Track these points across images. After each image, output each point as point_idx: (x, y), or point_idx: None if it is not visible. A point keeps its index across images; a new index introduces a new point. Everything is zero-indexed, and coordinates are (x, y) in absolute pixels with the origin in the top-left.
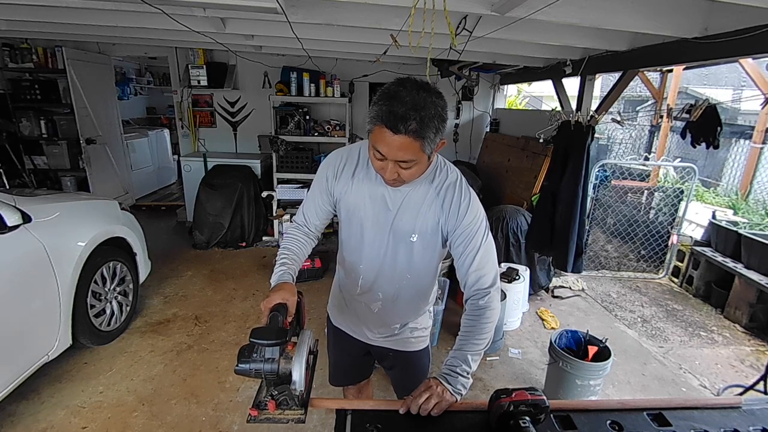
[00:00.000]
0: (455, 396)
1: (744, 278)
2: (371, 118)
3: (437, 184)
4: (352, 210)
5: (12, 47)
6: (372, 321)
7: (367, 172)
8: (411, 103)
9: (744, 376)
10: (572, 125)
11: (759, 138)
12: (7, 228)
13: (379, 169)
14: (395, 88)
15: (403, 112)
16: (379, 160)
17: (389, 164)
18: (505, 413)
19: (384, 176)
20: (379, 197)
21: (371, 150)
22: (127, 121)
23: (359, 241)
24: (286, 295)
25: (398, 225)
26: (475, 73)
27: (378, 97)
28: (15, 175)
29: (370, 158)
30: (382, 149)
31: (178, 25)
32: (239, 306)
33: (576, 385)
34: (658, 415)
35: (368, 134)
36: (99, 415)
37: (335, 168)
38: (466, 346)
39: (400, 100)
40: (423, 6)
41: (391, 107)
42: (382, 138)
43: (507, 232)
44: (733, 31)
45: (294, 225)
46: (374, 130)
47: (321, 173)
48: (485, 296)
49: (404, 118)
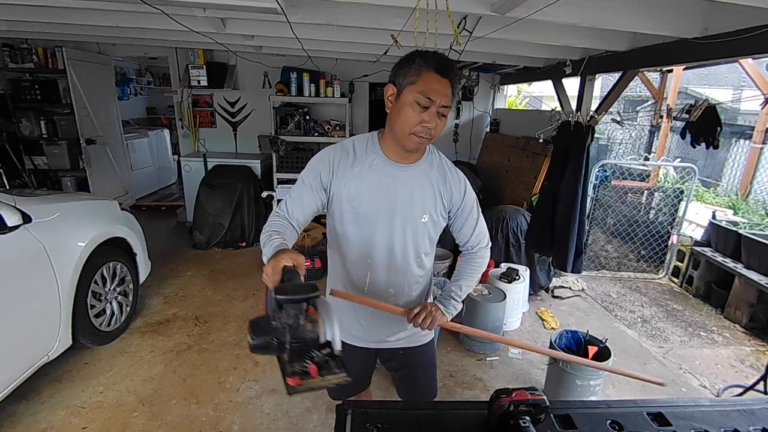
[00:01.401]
0: (446, 316)
1: (744, 278)
2: (413, 71)
3: (432, 161)
4: (357, 202)
5: (12, 47)
6: (384, 322)
7: (368, 165)
8: (452, 62)
9: (744, 376)
10: (572, 125)
11: (759, 138)
12: (7, 228)
13: (419, 123)
14: (420, 52)
15: (450, 63)
16: (421, 112)
17: (433, 112)
18: (505, 413)
19: (426, 125)
20: (386, 186)
21: (410, 105)
22: (127, 122)
23: (370, 233)
24: (294, 255)
25: (409, 209)
26: (475, 73)
27: (410, 57)
28: (15, 175)
29: (401, 115)
30: (431, 94)
31: (178, 25)
32: (239, 306)
33: (576, 385)
34: (658, 415)
35: (403, 89)
36: (99, 416)
37: (330, 164)
38: (461, 279)
39: (437, 53)
40: (426, 6)
41: (436, 57)
42: (432, 83)
43: (507, 232)
44: (733, 31)
45: (277, 214)
46: (420, 80)
47: (312, 169)
48: (481, 250)
49: (451, 65)
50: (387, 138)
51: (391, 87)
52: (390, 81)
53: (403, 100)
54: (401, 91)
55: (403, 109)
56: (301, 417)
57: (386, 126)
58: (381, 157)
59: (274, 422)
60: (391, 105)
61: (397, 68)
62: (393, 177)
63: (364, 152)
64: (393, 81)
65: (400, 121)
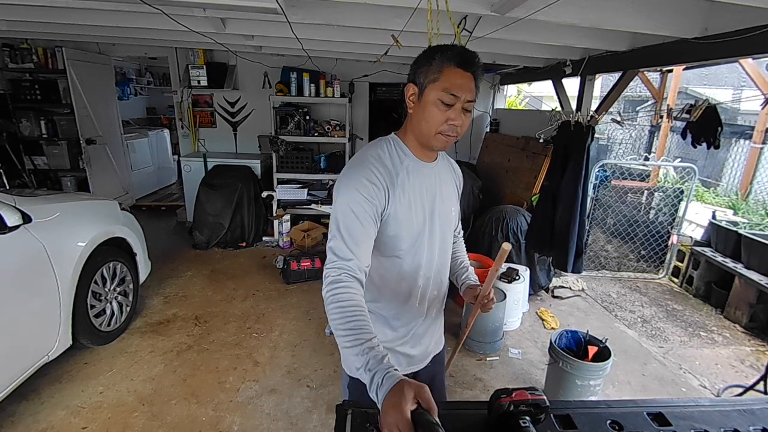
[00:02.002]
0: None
1: (744, 278)
2: (434, 68)
3: (444, 154)
4: (409, 215)
5: (12, 47)
6: (430, 331)
7: (405, 173)
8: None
9: (744, 376)
10: (572, 125)
11: (759, 138)
12: (7, 228)
13: (445, 121)
14: (439, 47)
15: (472, 55)
16: (446, 110)
17: (458, 109)
18: (505, 413)
19: (453, 123)
20: (426, 188)
21: (434, 104)
22: (127, 122)
23: (420, 240)
24: (418, 389)
25: (443, 205)
26: None
27: (429, 54)
28: (15, 175)
29: (426, 114)
30: (456, 90)
31: (178, 25)
32: (239, 306)
33: (576, 385)
34: (658, 415)
35: (425, 88)
36: (99, 416)
37: (382, 184)
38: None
39: (457, 46)
40: (428, 7)
41: (456, 50)
42: (455, 78)
43: (507, 232)
44: (733, 31)
45: (342, 270)
46: (442, 76)
47: (366, 195)
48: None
49: (473, 57)
50: (410, 139)
51: (412, 87)
52: (410, 80)
53: (426, 100)
54: (423, 90)
55: (427, 109)
56: (301, 417)
57: (407, 127)
58: (413, 159)
59: (274, 422)
60: (414, 105)
61: (416, 66)
62: (428, 177)
63: (398, 160)
64: (413, 80)
65: (425, 121)
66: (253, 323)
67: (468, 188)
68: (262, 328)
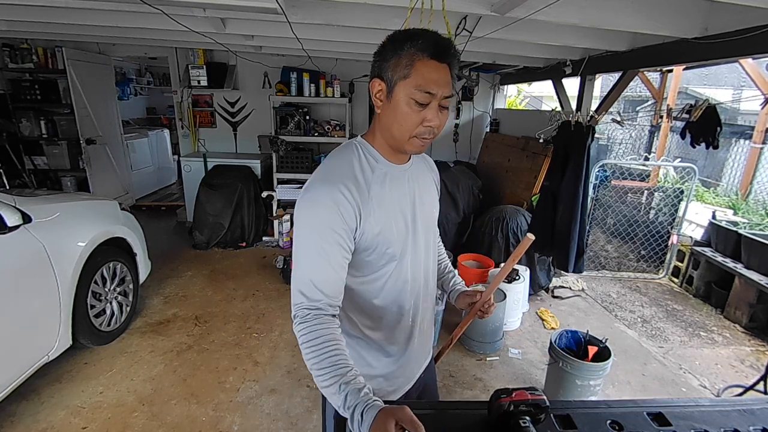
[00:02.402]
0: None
1: (744, 278)
2: (403, 61)
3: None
4: (388, 228)
5: (12, 47)
6: (425, 348)
7: (380, 182)
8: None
9: (744, 376)
10: (572, 125)
11: (759, 138)
12: (7, 228)
13: (420, 123)
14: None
15: (445, 42)
16: (420, 110)
17: (434, 107)
18: (505, 413)
19: (429, 124)
20: (403, 194)
21: (406, 104)
22: (127, 122)
23: (404, 257)
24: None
25: (423, 207)
26: (475, 73)
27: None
28: (15, 175)
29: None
30: (432, 86)
31: (178, 25)
32: (239, 306)
33: (576, 385)
34: (658, 415)
35: (395, 85)
36: (99, 416)
37: (352, 203)
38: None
39: (428, 33)
40: (421, 6)
41: (430, 38)
42: (430, 73)
43: (507, 232)
44: (733, 31)
45: (311, 313)
46: (414, 71)
47: (333, 222)
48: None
49: (448, 46)
50: (379, 141)
51: (378, 82)
52: (375, 75)
53: (396, 99)
54: (393, 88)
55: (399, 109)
56: (301, 417)
57: (376, 128)
58: (386, 164)
59: (274, 422)
60: (382, 104)
61: (381, 58)
62: (404, 181)
63: (369, 169)
64: (379, 75)
65: (397, 123)
66: (253, 323)
67: (468, 188)
68: (262, 328)
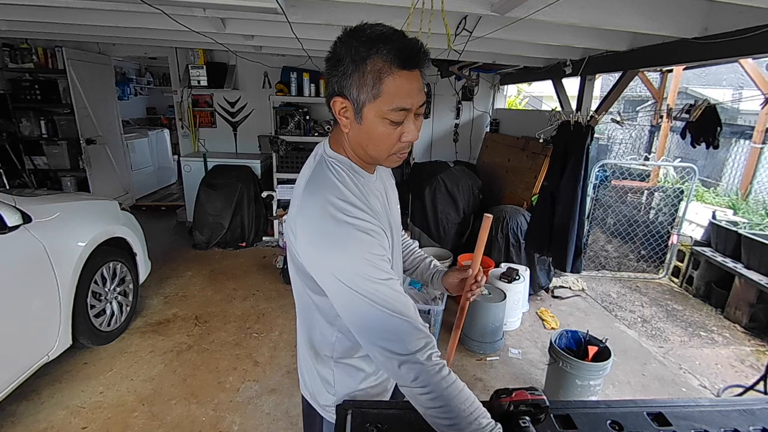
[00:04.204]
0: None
1: (744, 278)
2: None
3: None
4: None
5: (12, 47)
6: None
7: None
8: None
9: (744, 376)
10: (572, 125)
11: (759, 138)
12: (7, 228)
13: (395, 140)
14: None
15: (413, 44)
16: (395, 127)
17: (411, 120)
18: (505, 413)
19: (408, 139)
20: (381, 200)
21: (380, 124)
22: (127, 121)
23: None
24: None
25: (394, 211)
26: (475, 73)
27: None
28: (15, 175)
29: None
30: (406, 102)
31: (178, 25)
32: (239, 306)
33: (576, 385)
34: (658, 415)
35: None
36: (99, 416)
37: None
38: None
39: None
40: (422, 6)
41: (395, 44)
42: (401, 85)
43: (507, 232)
44: (733, 31)
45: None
46: (384, 89)
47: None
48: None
49: (416, 47)
50: (351, 154)
51: (340, 101)
52: (335, 92)
53: (367, 120)
54: (361, 109)
55: (372, 131)
56: (301, 417)
57: (343, 144)
58: (366, 175)
59: (274, 422)
60: (348, 122)
61: (338, 72)
62: (378, 189)
63: (360, 185)
64: (341, 92)
65: (372, 144)
66: (253, 323)
67: (468, 188)
68: (262, 328)
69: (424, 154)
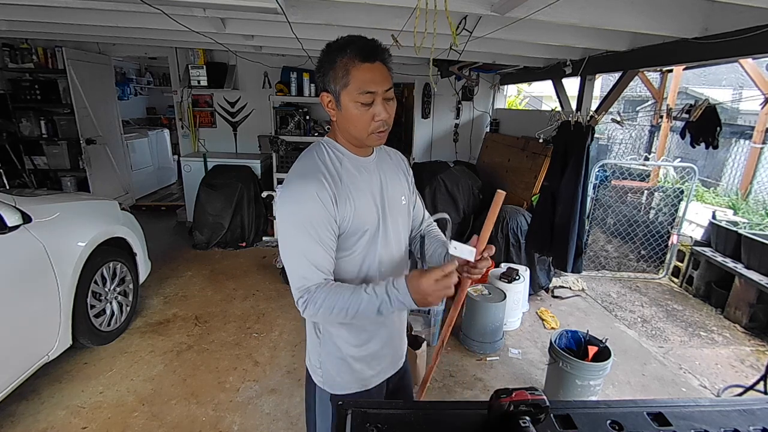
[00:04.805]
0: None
1: (744, 278)
2: (339, 71)
3: (382, 148)
4: (363, 218)
5: (12, 47)
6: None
7: (347, 172)
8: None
9: (744, 376)
10: (572, 125)
11: (759, 138)
12: (7, 228)
13: (371, 120)
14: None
15: (371, 44)
16: (367, 110)
17: (379, 103)
18: (505, 413)
19: (380, 119)
20: (374, 182)
21: (351, 107)
22: (127, 121)
23: (374, 243)
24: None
25: (392, 196)
26: (475, 73)
27: (329, 57)
28: (15, 175)
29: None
30: (371, 86)
31: (178, 25)
32: (239, 306)
33: (576, 385)
34: (658, 415)
35: (340, 95)
36: (99, 416)
37: (327, 191)
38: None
39: (354, 39)
40: (425, 6)
41: (355, 44)
42: (364, 75)
43: (507, 232)
44: (733, 31)
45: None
46: (351, 78)
47: (314, 208)
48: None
49: (375, 47)
50: (341, 139)
51: (326, 95)
52: (321, 89)
53: (344, 106)
54: (339, 97)
55: (349, 114)
56: (301, 417)
57: (336, 131)
58: (352, 157)
59: (274, 422)
60: (335, 112)
61: (321, 73)
62: (371, 172)
63: (338, 162)
64: (325, 89)
65: (352, 126)
66: (253, 323)
67: (468, 188)
68: (262, 328)
69: (424, 154)
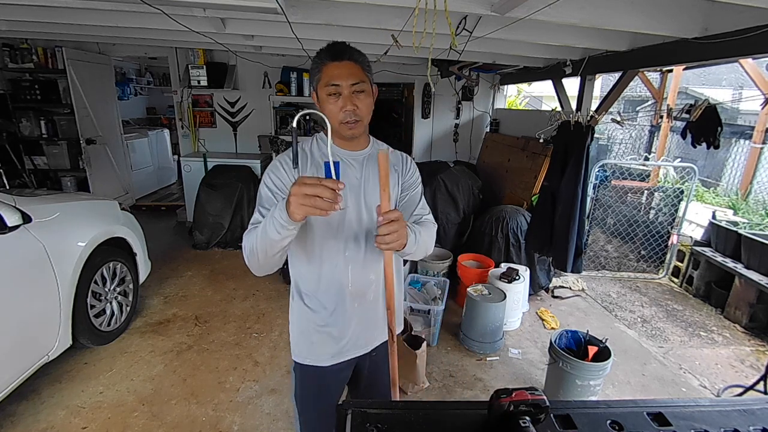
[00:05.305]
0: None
1: (744, 278)
2: (316, 71)
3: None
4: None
5: (12, 47)
6: (371, 315)
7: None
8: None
9: (744, 376)
10: (572, 125)
11: (759, 138)
12: (7, 228)
13: (338, 111)
14: (319, 51)
15: (340, 46)
16: (335, 101)
17: (345, 95)
18: (505, 413)
19: (346, 110)
20: (356, 174)
21: (326, 99)
22: (127, 121)
23: (339, 223)
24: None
25: (369, 192)
26: (475, 73)
27: (314, 59)
28: (15, 175)
29: (326, 110)
30: (335, 80)
31: (178, 25)
32: (239, 306)
33: (576, 385)
34: (658, 415)
35: (316, 88)
36: (99, 416)
37: (283, 167)
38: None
39: (330, 44)
40: (425, 6)
41: (328, 48)
42: (331, 71)
43: (507, 232)
44: (733, 31)
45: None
46: (322, 75)
47: (270, 180)
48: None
49: (343, 49)
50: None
51: (313, 93)
52: (311, 90)
53: (321, 99)
54: (317, 93)
55: (323, 106)
56: None
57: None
58: (335, 148)
59: (274, 422)
60: (319, 107)
61: (310, 77)
62: (357, 164)
63: (317, 148)
64: (312, 88)
65: (327, 116)
66: (253, 323)
67: (468, 188)
68: (262, 328)
69: (424, 154)
